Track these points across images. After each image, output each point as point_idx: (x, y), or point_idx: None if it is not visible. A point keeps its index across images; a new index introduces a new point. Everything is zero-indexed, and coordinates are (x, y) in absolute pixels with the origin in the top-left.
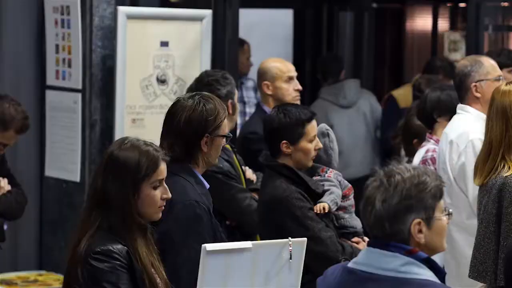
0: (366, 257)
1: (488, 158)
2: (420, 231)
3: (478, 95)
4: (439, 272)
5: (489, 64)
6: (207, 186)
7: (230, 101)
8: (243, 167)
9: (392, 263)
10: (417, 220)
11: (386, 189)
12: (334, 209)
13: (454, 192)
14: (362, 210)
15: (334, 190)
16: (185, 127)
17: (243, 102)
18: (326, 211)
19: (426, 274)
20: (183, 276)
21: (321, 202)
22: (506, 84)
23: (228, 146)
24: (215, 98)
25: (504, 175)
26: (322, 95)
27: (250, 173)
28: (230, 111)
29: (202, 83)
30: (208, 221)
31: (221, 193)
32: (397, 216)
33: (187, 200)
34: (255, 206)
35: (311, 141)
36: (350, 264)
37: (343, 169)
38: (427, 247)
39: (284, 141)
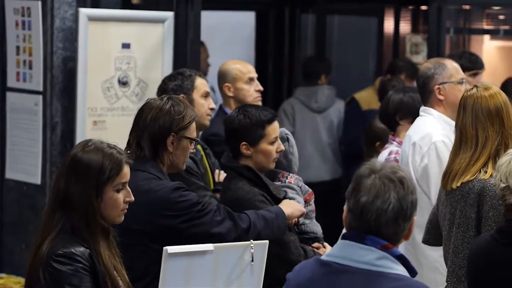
0: (341, 250)
1: (473, 163)
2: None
3: (441, 97)
4: (411, 270)
5: (452, 66)
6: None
7: (182, 95)
8: (217, 170)
9: (367, 256)
10: (415, 217)
11: (398, 186)
12: (301, 222)
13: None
14: (366, 204)
15: (299, 200)
16: (152, 124)
17: None
18: (294, 224)
19: (400, 269)
20: None
21: None
22: (476, 88)
23: (199, 146)
24: (185, 102)
25: (481, 178)
26: (296, 95)
27: (222, 176)
28: None
29: (163, 80)
30: None
31: None
32: (410, 214)
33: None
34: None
35: (272, 143)
36: (324, 257)
37: (301, 171)
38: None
39: (244, 143)
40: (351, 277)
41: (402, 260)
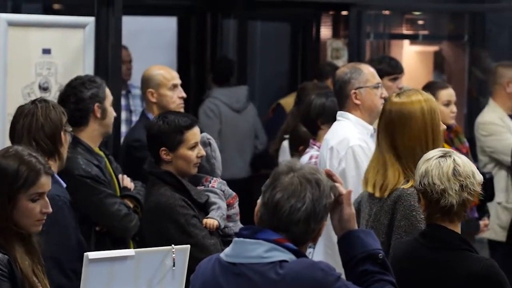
0: (233, 249)
1: (398, 171)
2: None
3: (357, 102)
4: None
5: (368, 71)
6: (64, 185)
7: (96, 104)
8: (120, 175)
9: (256, 250)
10: (326, 222)
11: (314, 187)
12: (223, 226)
13: None
14: (281, 200)
15: (221, 205)
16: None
17: (129, 111)
18: (215, 228)
19: (288, 256)
20: None
21: (211, 218)
22: (399, 95)
23: (101, 153)
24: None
25: (401, 187)
26: (216, 95)
27: (127, 181)
28: (98, 115)
29: (70, 86)
30: (69, 213)
31: (89, 198)
32: (321, 217)
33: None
34: (124, 211)
35: (191, 148)
36: (222, 255)
37: (224, 170)
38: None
39: (163, 148)
40: (245, 273)
41: (296, 253)
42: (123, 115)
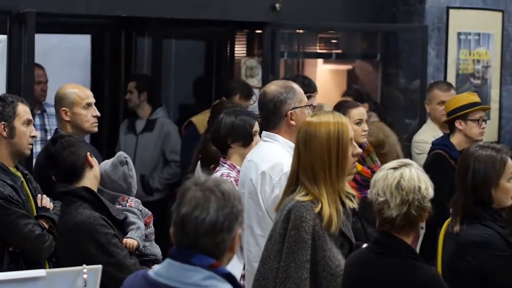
0: (169, 270)
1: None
2: (239, 241)
3: (293, 123)
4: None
5: (300, 91)
6: None
7: (2, 123)
8: (39, 195)
9: (194, 277)
10: (240, 231)
11: (219, 197)
12: (141, 247)
13: (266, 223)
14: (186, 215)
15: (140, 225)
16: None
17: (44, 130)
18: (134, 249)
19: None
20: None
21: (130, 238)
22: (314, 115)
23: (18, 172)
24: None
25: (297, 198)
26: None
27: (47, 201)
28: (4, 134)
29: None
30: None
31: (1, 218)
32: (228, 225)
33: None
34: (38, 232)
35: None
36: (152, 275)
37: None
38: (230, 259)
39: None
40: None
41: (230, 278)
42: (39, 134)
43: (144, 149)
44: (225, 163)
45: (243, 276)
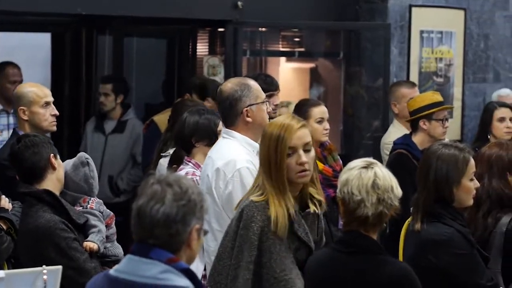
0: (127, 265)
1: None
2: (197, 237)
3: (249, 119)
4: (198, 284)
5: (256, 87)
6: None
7: None
8: None
9: (151, 270)
10: (197, 226)
11: (175, 190)
12: (102, 250)
13: (223, 219)
14: (142, 206)
15: (101, 228)
16: None
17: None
18: (95, 251)
19: (184, 282)
20: None
21: (91, 241)
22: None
23: None
24: None
25: (251, 198)
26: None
27: (5, 202)
28: None
29: None
30: None
31: None
32: (183, 217)
33: None
34: None
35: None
36: (112, 272)
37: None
38: (191, 256)
39: None
40: None
41: (188, 273)
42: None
43: (113, 150)
44: (189, 161)
45: (204, 277)
